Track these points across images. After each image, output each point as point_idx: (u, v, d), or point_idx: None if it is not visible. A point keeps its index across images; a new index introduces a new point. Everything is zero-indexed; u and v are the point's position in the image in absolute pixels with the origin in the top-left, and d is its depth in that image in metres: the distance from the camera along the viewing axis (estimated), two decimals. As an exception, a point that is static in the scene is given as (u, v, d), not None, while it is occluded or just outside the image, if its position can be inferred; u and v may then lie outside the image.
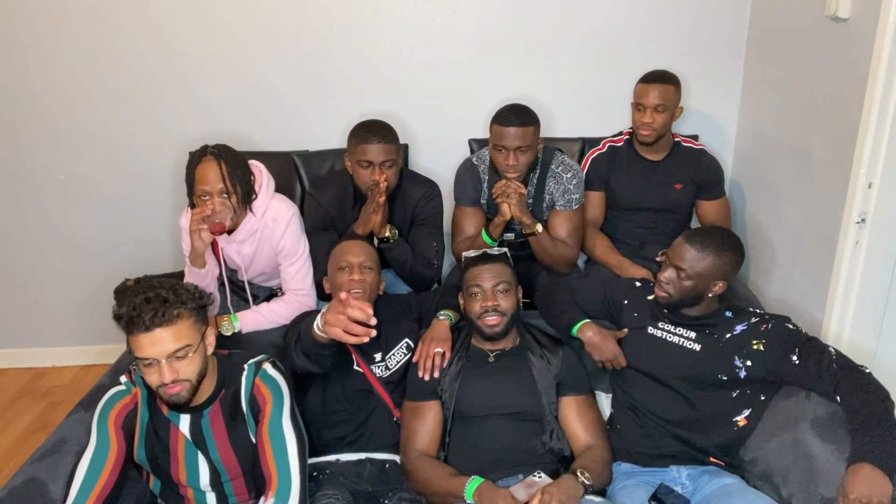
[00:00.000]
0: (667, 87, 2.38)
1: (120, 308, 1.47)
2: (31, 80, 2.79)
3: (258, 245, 2.18)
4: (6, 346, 3.23)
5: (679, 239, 1.86)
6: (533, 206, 2.36)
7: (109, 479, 1.54)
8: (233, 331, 2.07)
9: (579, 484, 1.67)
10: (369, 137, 2.18)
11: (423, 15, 2.75)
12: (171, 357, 1.47)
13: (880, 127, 1.95)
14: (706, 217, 2.55)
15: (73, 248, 3.03)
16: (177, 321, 1.47)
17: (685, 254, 1.82)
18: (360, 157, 2.19)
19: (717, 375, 1.83)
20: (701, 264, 1.80)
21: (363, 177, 2.21)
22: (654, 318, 1.95)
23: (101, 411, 1.61)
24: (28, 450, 2.29)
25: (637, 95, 2.42)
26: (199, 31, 2.73)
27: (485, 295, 1.91)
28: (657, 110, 2.37)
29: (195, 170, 2.02)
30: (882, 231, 2.06)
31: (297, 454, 1.58)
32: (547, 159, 2.35)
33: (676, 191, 2.50)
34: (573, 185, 2.33)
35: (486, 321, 1.89)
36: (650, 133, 2.41)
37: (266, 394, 1.62)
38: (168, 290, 1.49)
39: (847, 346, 2.14)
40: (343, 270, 1.97)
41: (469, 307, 1.95)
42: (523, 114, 2.22)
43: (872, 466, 1.48)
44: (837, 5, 2.06)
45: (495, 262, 1.96)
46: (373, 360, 1.98)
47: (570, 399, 1.90)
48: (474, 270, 1.95)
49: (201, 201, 2.01)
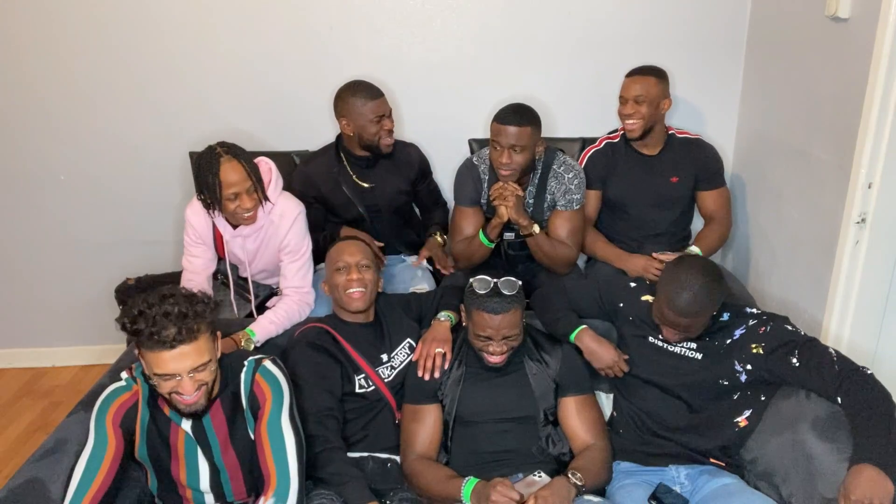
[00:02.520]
0: (646, 79, 2.37)
1: (135, 321, 1.43)
2: (31, 79, 2.78)
3: (262, 241, 2.19)
4: (6, 346, 3.23)
5: (666, 313, 1.76)
6: (534, 207, 2.36)
7: (106, 478, 1.53)
8: (253, 345, 2.04)
9: (571, 486, 1.67)
10: (374, 92, 2.39)
11: (423, 15, 2.75)
12: (194, 372, 1.47)
13: (880, 127, 1.95)
14: (706, 208, 2.54)
15: (73, 247, 3.03)
16: (199, 336, 1.46)
17: (680, 320, 1.75)
18: (371, 114, 2.38)
19: (719, 381, 1.83)
20: (701, 321, 1.79)
21: (374, 130, 2.41)
22: (654, 327, 1.92)
23: (99, 408, 1.59)
24: (28, 450, 2.29)
25: (620, 90, 2.44)
26: (200, 30, 2.73)
27: (494, 340, 1.84)
28: (637, 101, 2.37)
29: (218, 172, 2.00)
30: (882, 231, 2.06)
31: (295, 453, 1.57)
32: (549, 160, 2.35)
33: (672, 184, 2.49)
34: (574, 186, 2.33)
35: (490, 359, 1.87)
36: (632, 125, 2.40)
37: (266, 390, 1.62)
38: (185, 303, 1.46)
39: (847, 347, 2.14)
40: (341, 271, 1.97)
41: (473, 339, 1.89)
42: (522, 113, 2.22)
43: (874, 467, 1.47)
44: (837, 5, 2.06)
45: (506, 313, 1.79)
46: (380, 361, 1.98)
47: (571, 399, 1.89)
48: (484, 316, 1.80)
49: (231, 201, 2.04)
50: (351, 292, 1.95)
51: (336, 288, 1.98)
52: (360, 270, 1.97)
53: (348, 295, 1.96)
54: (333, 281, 1.99)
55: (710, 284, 1.73)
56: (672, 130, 2.54)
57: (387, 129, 2.42)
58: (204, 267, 2.22)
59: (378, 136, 2.41)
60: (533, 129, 2.22)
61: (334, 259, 2.00)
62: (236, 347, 1.98)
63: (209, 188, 2.02)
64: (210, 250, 2.23)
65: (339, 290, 1.97)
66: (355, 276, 1.95)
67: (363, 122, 2.38)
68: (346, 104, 2.39)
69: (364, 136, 2.41)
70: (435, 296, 2.19)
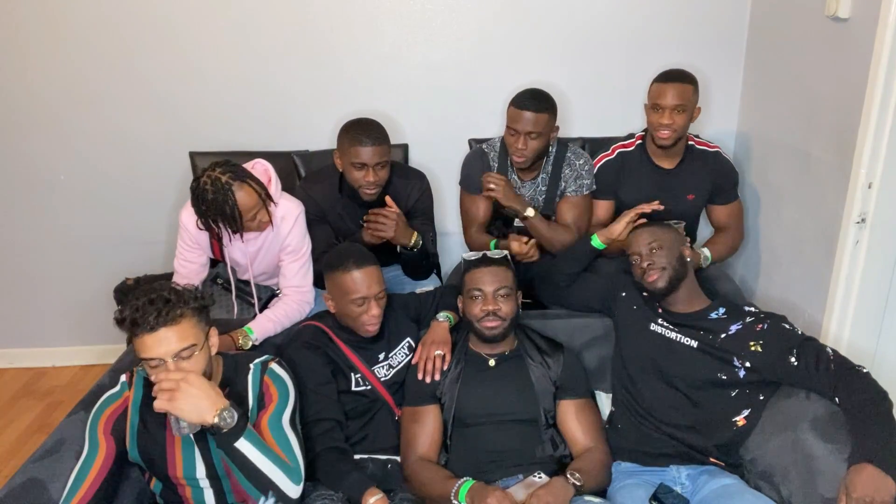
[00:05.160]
0: (686, 87, 2.24)
1: (122, 312, 1.48)
2: (31, 79, 2.78)
3: (264, 243, 2.19)
4: (6, 346, 3.22)
5: (629, 237, 2.00)
6: (546, 195, 2.37)
7: (94, 483, 1.54)
8: (251, 343, 2.03)
9: (570, 486, 1.67)
10: (363, 139, 2.18)
11: (423, 15, 2.75)
12: (177, 356, 1.48)
13: (880, 127, 1.95)
14: (718, 221, 2.47)
15: (73, 248, 3.03)
16: (181, 320, 1.48)
17: (641, 237, 1.94)
18: (354, 158, 2.19)
19: (716, 375, 1.83)
20: (663, 234, 1.92)
21: (356, 177, 2.22)
22: (655, 314, 1.96)
23: (92, 416, 1.63)
24: (28, 450, 2.30)
25: (654, 96, 2.28)
26: (200, 31, 2.73)
27: (485, 299, 1.90)
28: (676, 111, 2.23)
29: (236, 203, 1.97)
30: (882, 231, 2.06)
31: (298, 448, 1.60)
32: (561, 151, 2.38)
33: (688, 202, 2.39)
34: (585, 171, 2.35)
35: (485, 324, 1.89)
36: (669, 135, 2.26)
37: (274, 392, 1.64)
38: (170, 292, 1.51)
39: (847, 347, 2.14)
40: (357, 303, 1.86)
41: (469, 310, 1.94)
42: (540, 99, 2.22)
43: (875, 466, 1.48)
44: (837, 5, 2.06)
45: (497, 266, 1.94)
46: (376, 360, 1.97)
47: (570, 402, 1.89)
48: (475, 273, 1.93)
49: (251, 221, 2.04)
50: (368, 326, 1.90)
51: (348, 317, 1.89)
52: (378, 302, 1.88)
53: (364, 325, 1.89)
54: (347, 310, 1.88)
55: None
56: (692, 141, 2.41)
57: (369, 180, 2.20)
58: (196, 273, 2.21)
59: (358, 184, 2.23)
60: (550, 116, 2.22)
61: (350, 290, 1.86)
62: (234, 345, 1.98)
63: (227, 218, 1.99)
64: (205, 255, 2.22)
65: (353, 319, 1.89)
66: (375, 311, 1.87)
67: (346, 165, 2.23)
68: (339, 140, 2.25)
69: (347, 178, 2.27)
70: (434, 296, 2.19)
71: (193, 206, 2.04)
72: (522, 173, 2.41)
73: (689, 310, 1.93)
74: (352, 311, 1.87)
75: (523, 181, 2.42)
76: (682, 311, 1.93)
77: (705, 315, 1.91)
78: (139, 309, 1.46)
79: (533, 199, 2.42)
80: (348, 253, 1.91)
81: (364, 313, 1.87)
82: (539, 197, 2.42)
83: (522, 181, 2.42)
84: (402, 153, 2.79)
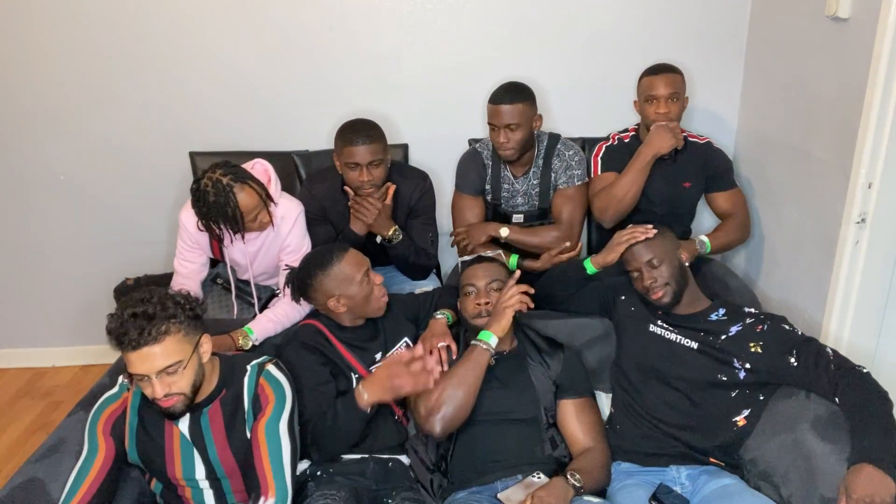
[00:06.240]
0: (676, 76, 2.34)
1: (110, 322, 1.45)
2: (31, 80, 2.78)
3: (264, 243, 2.19)
4: (6, 346, 3.23)
5: (626, 253, 1.95)
6: (540, 189, 2.37)
7: (94, 483, 1.54)
8: (251, 343, 2.03)
9: (569, 486, 1.67)
10: (355, 139, 2.18)
11: (423, 15, 2.75)
12: (161, 373, 1.46)
13: (880, 127, 1.95)
14: (721, 208, 2.48)
15: (72, 248, 3.03)
16: (164, 338, 1.44)
17: (639, 254, 1.91)
18: (347, 159, 2.21)
19: (716, 376, 1.83)
20: (659, 246, 1.89)
21: (352, 177, 2.23)
22: (654, 315, 1.96)
23: (91, 417, 1.62)
24: (28, 450, 2.30)
25: (646, 88, 2.35)
26: (200, 31, 2.73)
27: (478, 293, 1.92)
28: (671, 100, 2.31)
29: (237, 205, 1.99)
30: (882, 231, 2.06)
31: (289, 461, 1.58)
32: (552, 142, 2.39)
33: (685, 189, 2.44)
34: (575, 162, 2.35)
35: (479, 322, 1.89)
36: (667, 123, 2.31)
37: (269, 395, 1.62)
38: (156, 304, 1.45)
39: (847, 346, 2.14)
40: (366, 283, 1.92)
41: (464, 307, 1.95)
42: (514, 91, 2.24)
43: (874, 466, 1.48)
44: (837, 5, 2.06)
45: (490, 262, 2.00)
46: (373, 360, 1.97)
47: (570, 402, 1.89)
48: (469, 271, 1.98)
49: (252, 222, 2.06)
50: (383, 299, 1.97)
51: (361, 301, 1.92)
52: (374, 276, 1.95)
53: (377, 300, 1.95)
54: (351, 291, 1.90)
55: None
56: (684, 133, 2.45)
57: (363, 180, 2.21)
58: (196, 272, 2.21)
59: (355, 185, 2.24)
60: (525, 106, 2.24)
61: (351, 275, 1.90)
62: (234, 345, 1.98)
63: (230, 220, 2.01)
64: (204, 254, 2.22)
65: (365, 299, 1.92)
66: (377, 281, 1.94)
67: (342, 166, 2.25)
68: (335, 142, 2.26)
69: (345, 179, 2.28)
70: (432, 296, 2.19)
71: (194, 208, 2.05)
72: (515, 169, 2.42)
73: (690, 311, 1.93)
74: (363, 291, 1.89)
75: (517, 177, 2.43)
76: (682, 312, 1.93)
77: (705, 316, 1.91)
78: (122, 324, 1.42)
79: (527, 194, 2.43)
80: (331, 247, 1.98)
81: (372, 291, 1.92)
82: (533, 191, 2.42)
83: (516, 177, 2.43)
84: (402, 153, 2.79)
